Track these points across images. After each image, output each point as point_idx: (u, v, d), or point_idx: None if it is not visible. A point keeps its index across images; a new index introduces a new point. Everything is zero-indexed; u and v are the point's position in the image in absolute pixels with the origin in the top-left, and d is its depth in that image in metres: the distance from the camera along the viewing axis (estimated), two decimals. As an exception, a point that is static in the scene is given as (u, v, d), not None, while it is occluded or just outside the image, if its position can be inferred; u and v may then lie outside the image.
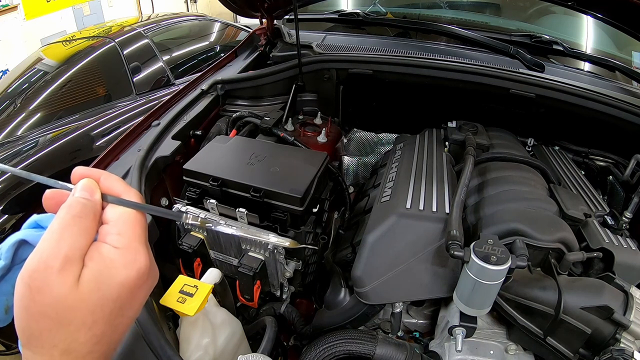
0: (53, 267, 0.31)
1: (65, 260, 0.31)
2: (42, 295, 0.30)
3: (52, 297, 0.30)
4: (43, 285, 0.30)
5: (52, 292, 0.30)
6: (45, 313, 0.30)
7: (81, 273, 0.32)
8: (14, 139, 2.10)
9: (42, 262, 0.31)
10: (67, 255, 0.31)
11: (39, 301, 0.30)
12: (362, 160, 1.79)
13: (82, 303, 0.31)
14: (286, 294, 1.18)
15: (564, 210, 0.97)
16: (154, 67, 2.74)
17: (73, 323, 0.31)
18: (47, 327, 0.31)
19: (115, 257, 0.33)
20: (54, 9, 4.94)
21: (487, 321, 0.96)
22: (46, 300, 0.30)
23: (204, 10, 6.77)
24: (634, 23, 1.27)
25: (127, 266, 0.33)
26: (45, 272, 0.30)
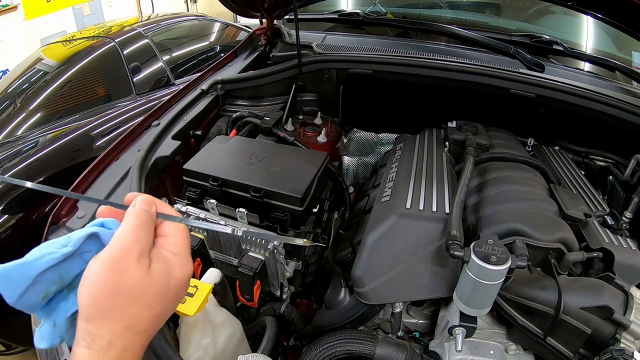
0: (132, 256, 0.38)
1: (141, 253, 0.39)
2: (122, 276, 0.37)
3: (131, 279, 0.37)
4: (124, 269, 0.37)
5: (130, 274, 0.37)
6: (122, 291, 0.37)
7: (150, 266, 0.39)
8: (14, 139, 2.10)
9: (125, 250, 0.38)
10: (143, 249, 0.39)
11: (118, 281, 0.37)
12: (362, 160, 1.79)
13: (152, 288, 0.39)
14: (286, 294, 1.17)
15: (564, 210, 0.97)
16: (154, 67, 2.74)
17: (142, 302, 0.38)
18: (120, 303, 0.37)
19: (173, 259, 0.41)
20: (54, 9, 4.94)
21: (487, 321, 0.96)
22: (125, 281, 0.37)
23: (204, 10, 6.77)
24: (634, 23, 1.27)
25: (182, 268, 0.42)
26: (127, 258, 0.38)
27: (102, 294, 0.37)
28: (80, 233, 0.41)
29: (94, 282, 0.37)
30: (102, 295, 0.37)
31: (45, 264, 0.39)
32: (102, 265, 0.37)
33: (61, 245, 0.40)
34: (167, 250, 0.42)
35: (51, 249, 0.40)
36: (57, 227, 1.05)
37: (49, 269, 0.39)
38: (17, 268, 0.39)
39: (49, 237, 1.02)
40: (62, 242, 0.40)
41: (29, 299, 0.39)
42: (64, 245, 0.40)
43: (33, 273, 0.38)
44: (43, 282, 0.39)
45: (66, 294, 0.42)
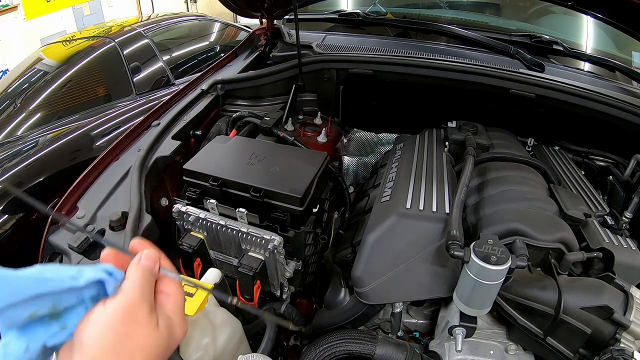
0: (145, 309, 0.40)
1: (151, 308, 0.41)
2: (135, 326, 0.39)
3: (142, 330, 0.39)
4: (137, 319, 0.39)
5: (142, 326, 0.39)
6: (132, 340, 0.38)
7: (158, 323, 0.41)
8: (14, 139, 2.10)
9: (137, 303, 0.40)
10: (151, 305, 0.41)
11: (131, 329, 0.38)
12: (362, 160, 1.79)
13: (158, 342, 0.40)
14: (286, 294, 1.18)
15: (564, 210, 0.97)
16: (154, 67, 2.74)
17: (147, 353, 0.39)
18: (128, 351, 0.38)
19: (175, 319, 0.44)
20: (54, 9, 4.94)
21: (487, 321, 0.96)
22: (137, 331, 0.39)
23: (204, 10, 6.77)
24: (634, 23, 1.27)
25: (181, 328, 0.44)
26: (140, 310, 0.40)
27: (112, 339, 0.38)
28: (92, 273, 0.40)
29: (107, 325, 0.38)
30: (112, 340, 0.38)
31: (47, 288, 0.38)
32: (116, 311, 0.39)
33: (70, 277, 0.39)
34: (169, 308, 0.44)
35: (60, 276, 0.39)
36: (57, 227, 1.05)
37: (49, 294, 0.38)
38: (17, 280, 0.36)
39: (49, 237, 1.02)
40: (72, 273, 0.40)
41: (13, 314, 0.37)
42: (74, 278, 0.40)
43: (31, 292, 0.37)
44: (36, 303, 0.38)
45: (48, 321, 0.39)
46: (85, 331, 0.38)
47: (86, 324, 0.39)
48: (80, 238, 0.96)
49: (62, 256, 1.02)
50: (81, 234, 0.98)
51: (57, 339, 0.40)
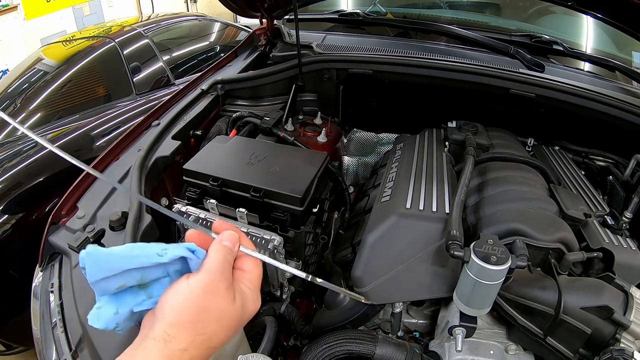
0: (223, 285, 0.45)
1: (229, 284, 0.46)
2: (213, 298, 0.43)
3: (219, 302, 0.44)
4: (216, 293, 0.44)
5: (220, 299, 0.44)
6: (210, 311, 0.43)
7: (235, 297, 0.46)
8: (14, 139, 2.10)
9: (216, 279, 0.44)
10: (229, 282, 0.46)
11: (210, 301, 0.43)
12: (362, 160, 1.79)
13: (232, 314, 0.45)
14: (286, 294, 1.17)
15: (564, 210, 0.97)
16: (154, 67, 2.74)
17: (221, 324, 0.44)
18: (205, 319, 0.43)
19: (249, 294, 0.48)
20: (54, 9, 4.94)
21: (487, 321, 0.96)
22: (215, 302, 0.43)
23: (204, 10, 6.77)
24: (634, 23, 1.27)
25: (254, 303, 0.48)
26: (219, 285, 0.44)
27: (192, 308, 0.42)
28: (176, 251, 0.45)
29: (187, 298, 0.43)
30: (192, 309, 0.42)
31: (136, 264, 0.44)
32: (197, 287, 0.43)
33: (156, 254, 0.45)
34: (244, 284, 0.48)
35: (147, 253, 0.45)
36: (57, 226, 1.05)
37: (137, 269, 0.44)
38: (108, 257, 0.43)
39: (49, 237, 1.02)
40: (158, 250, 0.45)
41: (106, 285, 0.44)
42: (160, 255, 0.45)
43: (122, 267, 0.43)
44: (126, 277, 0.44)
45: (137, 290, 0.46)
46: (168, 301, 0.43)
47: (169, 295, 0.43)
48: (80, 238, 0.96)
49: (62, 256, 1.02)
50: (81, 233, 0.98)
51: (144, 306, 0.46)
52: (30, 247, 1.18)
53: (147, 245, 0.46)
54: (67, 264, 0.98)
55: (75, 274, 0.94)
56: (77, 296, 0.89)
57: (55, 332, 0.88)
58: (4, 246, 1.70)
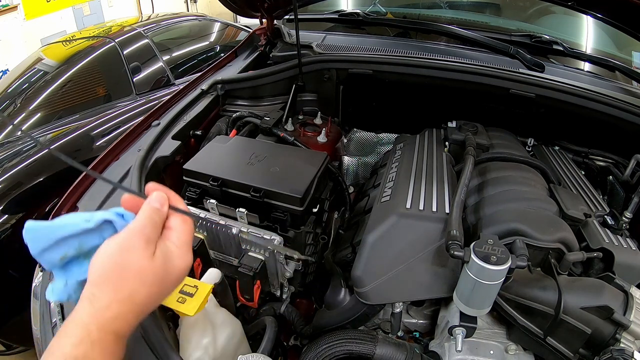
0: (140, 242, 0.45)
1: (147, 241, 0.46)
2: (129, 255, 0.44)
3: (135, 259, 0.44)
4: (131, 250, 0.44)
5: (135, 256, 0.44)
6: (126, 268, 0.44)
7: (155, 252, 0.46)
8: (14, 139, 2.10)
9: (134, 237, 0.45)
10: (149, 239, 0.46)
11: (125, 259, 0.44)
12: (362, 160, 1.79)
13: (151, 270, 0.45)
14: (286, 294, 1.18)
15: (564, 210, 0.97)
16: (154, 67, 2.74)
17: (140, 280, 0.44)
18: (123, 277, 0.44)
19: (175, 250, 0.48)
20: (54, 9, 4.93)
21: (487, 321, 0.96)
22: (130, 260, 0.44)
23: (204, 10, 6.77)
24: (634, 23, 1.27)
25: (181, 259, 0.48)
26: (135, 243, 0.45)
27: (109, 267, 0.44)
28: (101, 215, 0.49)
29: (105, 257, 0.44)
30: (109, 267, 0.44)
31: (68, 231, 0.47)
32: (115, 245, 0.45)
33: (84, 220, 0.48)
34: (170, 241, 0.48)
35: (75, 221, 0.48)
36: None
37: (70, 236, 0.47)
38: (44, 228, 0.46)
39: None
40: (85, 217, 0.48)
41: (49, 256, 0.47)
42: (87, 221, 0.48)
43: (56, 236, 0.47)
44: (63, 246, 0.47)
45: (82, 260, 0.49)
46: (93, 261, 0.45)
47: (95, 256, 0.45)
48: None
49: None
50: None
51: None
52: (30, 247, 1.18)
53: (77, 214, 0.49)
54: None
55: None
56: (77, 296, 0.89)
57: (55, 332, 0.88)
58: (4, 246, 1.70)
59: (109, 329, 0.42)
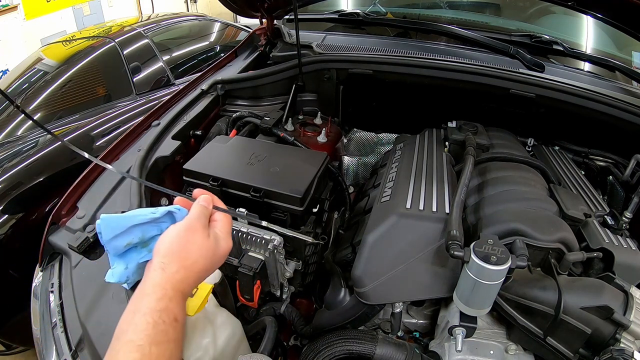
0: (200, 226, 0.58)
1: (204, 226, 0.59)
2: (193, 235, 0.57)
3: (197, 238, 0.57)
4: (194, 231, 0.57)
5: (198, 235, 0.57)
6: (191, 243, 0.56)
7: (209, 235, 0.59)
8: (14, 139, 2.10)
9: (195, 222, 0.58)
10: (204, 225, 0.60)
11: (190, 237, 0.57)
12: (362, 160, 1.79)
13: (208, 247, 0.58)
14: (286, 294, 1.17)
15: (564, 210, 0.97)
16: (154, 67, 2.74)
17: (200, 253, 0.57)
18: (188, 249, 0.56)
19: (220, 235, 0.61)
20: (54, 9, 4.93)
21: (487, 321, 0.96)
22: (194, 237, 0.57)
23: (204, 10, 6.77)
24: (634, 23, 1.27)
25: (225, 242, 0.62)
26: (197, 226, 0.58)
27: (177, 242, 0.56)
28: (164, 208, 0.60)
29: (174, 235, 0.56)
30: (177, 242, 0.56)
31: (137, 221, 0.57)
32: (181, 226, 0.57)
33: (150, 212, 0.59)
34: (217, 229, 0.62)
35: (143, 212, 0.58)
36: (57, 226, 1.05)
37: (137, 225, 0.57)
38: (117, 219, 0.57)
39: (49, 237, 1.02)
40: (151, 210, 0.59)
41: (116, 244, 0.57)
42: (153, 212, 0.59)
43: (127, 225, 0.57)
44: (130, 234, 0.57)
45: (139, 248, 0.59)
46: (160, 242, 0.56)
47: (161, 238, 0.57)
48: (80, 238, 0.96)
49: (62, 256, 1.02)
50: (81, 233, 0.98)
51: (146, 258, 0.59)
52: (30, 247, 1.18)
53: (144, 209, 0.60)
54: (67, 264, 0.98)
55: (75, 274, 0.94)
56: (77, 296, 0.89)
57: (55, 332, 0.89)
58: (4, 246, 1.70)
59: (178, 288, 0.53)
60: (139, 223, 0.57)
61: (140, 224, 0.58)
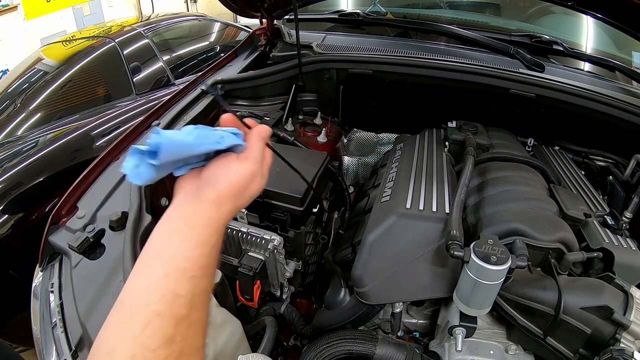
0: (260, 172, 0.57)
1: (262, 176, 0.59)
2: (253, 182, 0.56)
3: (255, 186, 0.57)
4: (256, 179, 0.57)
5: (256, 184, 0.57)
6: (248, 189, 0.56)
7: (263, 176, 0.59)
8: (14, 139, 2.10)
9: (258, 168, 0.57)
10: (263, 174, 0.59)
11: (251, 182, 0.56)
12: (362, 160, 1.79)
13: (258, 190, 0.58)
14: (286, 294, 1.18)
15: (564, 210, 0.97)
16: (154, 67, 2.74)
17: (250, 198, 0.58)
18: (244, 194, 0.56)
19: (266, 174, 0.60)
20: (54, 9, 4.94)
21: (487, 321, 0.96)
22: (253, 185, 0.57)
23: (204, 10, 6.77)
24: (634, 23, 1.27)
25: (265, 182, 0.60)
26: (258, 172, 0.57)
27: (241, 186, 0.55)
28: (230, 141, 0.55)
29: (240, 178, 0.54)
30: (240, 186, 0.55)
31: (200, 151, 0.53)
32: (247, 171, 0.55)
33: (215, 142, 0.53)
34: (265, 166, 0.60)
35: (207, 141, 0.53)
36: (57, 226, 1.05)
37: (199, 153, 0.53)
38: (181, 146, 0.50)
39: (49, 237, 1.02)
40: (216, 138, 0.54)
41: (171, 165, 0.53)
42: (218, 143, 0.54)
43: (189, 153, 0.52)
44: (186, 160, 0.54)
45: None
46: (222, 175, 0.54)
47: (223, 170, 0.54)
48: (80, 238, 0.96)
49: (62, 256, 1.02)
50: (81, 233, 0.98)
51: (182, 171, 0.55)
52: (30, 247, 1.18)
53: (208, 134, 0.53)
54: (67, 264, 0.98)
55: (75, 274, 0.94)
56: (77, 296, 0.89)
57: (55, 332, 0.88)
58: (4, 246, 1.70)
59: (224, 223, 0.54)
60: (200, 153, 0.53)
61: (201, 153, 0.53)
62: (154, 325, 0.41)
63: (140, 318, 0.41)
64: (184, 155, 0.52)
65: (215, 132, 0.54)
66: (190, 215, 0.50)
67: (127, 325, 0.42)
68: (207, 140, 0.53)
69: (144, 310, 0.42)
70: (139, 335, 0.40)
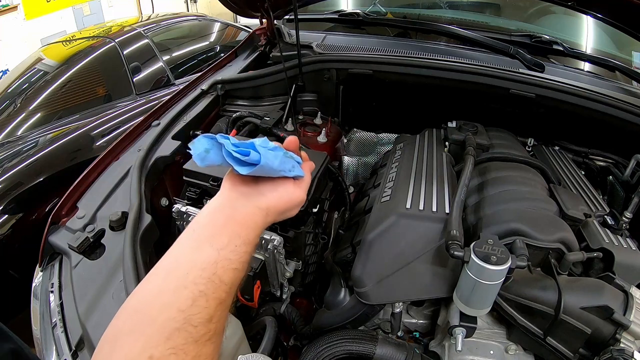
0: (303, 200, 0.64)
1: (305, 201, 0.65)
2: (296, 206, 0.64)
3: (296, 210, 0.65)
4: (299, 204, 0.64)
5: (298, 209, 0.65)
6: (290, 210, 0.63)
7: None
8: (14, 139, 2.10)
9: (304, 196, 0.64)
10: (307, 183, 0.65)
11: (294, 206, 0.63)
12: (362, 160, 1.78)
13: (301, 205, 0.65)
14: (286, 294, 1.17)
15: (564, 210, 0.97)
16: (154, 67, 2.74)
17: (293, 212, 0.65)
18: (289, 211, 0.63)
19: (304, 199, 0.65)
20: (54, 9, 4.94)
21: (487, 321, 0.96)
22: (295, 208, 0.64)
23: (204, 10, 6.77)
24: (634, 23, 1.27)
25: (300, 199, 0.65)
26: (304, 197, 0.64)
27: (287, 205, 0.61)
28: (297, 171, 0.62)
29: (290, 200, 0.61)
30: (287, 205, 0.61)
31: (277, 175, 0.59)
32: (297, 197, 0.62)
33: (289, 170, 0.60)
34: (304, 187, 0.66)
35: (285, 167, 0.59)
36: (57, 226, 1.05)
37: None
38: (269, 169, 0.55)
39: (49, 237, 1.02)
40: (289, 167, 0.60)
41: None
42: (290, 170, 0.60)
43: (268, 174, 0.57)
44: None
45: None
46: (278, 192, 0.59)
47: (281, 188, 0.60)
48: (80, 238, 0.96)
49: (62, 256, 1.02)
50: (81, 233, 0.98)
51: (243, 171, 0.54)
52: (30, 247, 1.19)
53: (286, 162, 0.59)
54: (67, 264, 0.98)
55: (75, 274, 0.94)
56: (77, 296, 0.89)
57: (55, 332, 0.88)
58: (4, 246, 1.70)
59: (263, 231, 0.58)
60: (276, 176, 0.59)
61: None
62: (199, 303, 0.44)
63: (187, 293, 0.44)
64: (264, 174, 0.57)
65: (289, 160, 0.61)
66: (244, 215, 0.55)
67: (172, 297, 0.44)
68: (285, 167, 0.59)
69: (192, 287, 0.45)
70: (185, 309, 0.43)
